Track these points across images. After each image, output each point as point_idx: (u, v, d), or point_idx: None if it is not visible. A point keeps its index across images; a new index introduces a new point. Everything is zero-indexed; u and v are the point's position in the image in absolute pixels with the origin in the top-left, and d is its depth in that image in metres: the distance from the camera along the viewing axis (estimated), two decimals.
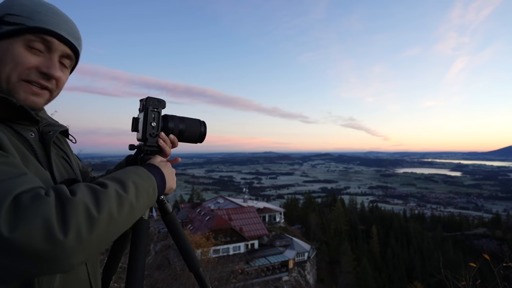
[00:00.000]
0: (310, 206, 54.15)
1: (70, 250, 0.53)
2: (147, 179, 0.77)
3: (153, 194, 0.78)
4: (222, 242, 26.96)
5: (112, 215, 0.61)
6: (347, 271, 39.08)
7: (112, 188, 0.64)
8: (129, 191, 0.67)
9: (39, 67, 0.73)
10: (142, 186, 0.73)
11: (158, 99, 0.97)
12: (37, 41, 0.73)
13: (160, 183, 0.84)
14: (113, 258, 1.09)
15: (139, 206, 0.70)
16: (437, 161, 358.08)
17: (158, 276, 6.26)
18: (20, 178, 0.57)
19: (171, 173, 0.91)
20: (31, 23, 0.72)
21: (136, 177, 0.73)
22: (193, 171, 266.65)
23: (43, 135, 0.81)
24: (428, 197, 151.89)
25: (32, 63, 0.72)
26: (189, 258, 1.10)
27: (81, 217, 0.55)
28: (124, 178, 0.70)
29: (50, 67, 0.75)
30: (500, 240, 47.66)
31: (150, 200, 0.77)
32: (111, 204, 0.61)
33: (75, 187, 0.60)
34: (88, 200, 0.58)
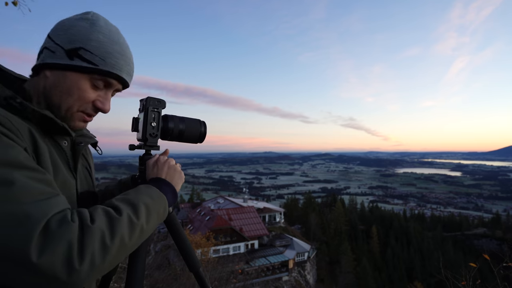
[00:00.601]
0: (310, 206, 54.14)
1: (83, 277, 0.57)
2: (159, 199, 0.80)
3: (163, 213, 0.81)
4: (222, 242, 26.96)
5: (123, 242, 0.64)
6: (347, 271, 39.08)
7: (125, 215, 0.67)
8: (140, 216, 0.70)
9: (95, 102, 0.81)
10: (153, 208, 0.76)
11: (158, 99, 0.98)
12: (101, 81, 0.80)
13: (171, 199, 0.87)
14: None
15: (149, 228, 0.74)
16: (437, 161, 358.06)
17: (158, 276, 6.26)
18: (55, 199, 0.61)
19: (179, 178, 0.95)
20: (104, 67, 0.78)
21: (147, 199, 0.76)
22: (193, 171, 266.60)
23: (75, 145, 0.86)
24: (428, 197, 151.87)
25: (91, 98, 0.80)
26: (189, 258, 1.10)
27: (97, 245, 0.59)
28: (136, 201, 0.73)
29: (105, 104, 0.82)
30: (500, 240, 47.67)
31: (160, 219, 0.81)
32: (124, 232, 0.64)
33: (94, 212, 0.64)
34: (104, 227, 0.61)
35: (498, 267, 3.11)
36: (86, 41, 0.76)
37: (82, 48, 0.75)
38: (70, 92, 0.76)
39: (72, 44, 0.75)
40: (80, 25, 0.77)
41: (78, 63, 0.76)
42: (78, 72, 0.76)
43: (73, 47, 0.75)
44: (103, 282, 1.09)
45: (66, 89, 0.76)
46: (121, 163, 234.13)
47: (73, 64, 0.75)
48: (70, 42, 0.75)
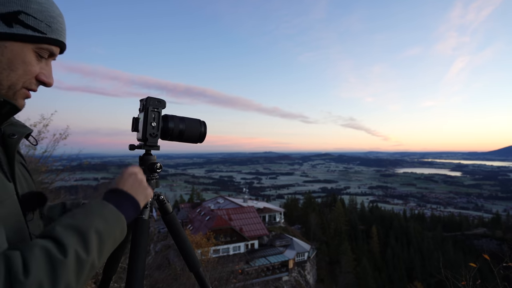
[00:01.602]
0: (310, 206, 54.15)
1: None
2: (115, 221, 0.66)
3: (120, 236, 0.68)
4: (222, 242, 26.97)
5: (69, 287, 0.52)
6: (347, 271, 39.10)
7: (72, 253, 0.53)
8: (91, 249, 0.57)
9: (39, 76, 0.69)
10: (108, 234, 0.62)
11: (158, 99, 0.98)
12: (46, 51, 0.68)
13: (132, 214, 0.74)
14: (113, 258, 1.09)
15: (102, 260, 0.62)
16: (437, 161, 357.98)
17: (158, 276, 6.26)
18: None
19: (142, 194, 0.79)
20: (51, 34, 0.67)
21: (100, 224, 0.62)
22: (193, 171, 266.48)
23: (6, 137, 0.69)
24: (428, 197, 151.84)
25: (36, 71, 0.68)
26: (189, 258, 1.10)
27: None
28: (86, 229, 0.58)
29: (49, 77, 0.71)
30: (500, 240, 47.68)
31: (116, 244, 0.67)
32: (70, 277, 0.52)
33: (29, 256, 0.49)
34: (43, 278, 0.48)
35: (498, 267, 3.11)
36: (25, 2, 0.63)
37: (22, 12, 0.62)
38: (12, 67, 0.63)
39: (8, 7, 0.61)
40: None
41: (21, 31, 0.62)
42: (21, 41, 0.63)
43: (10, 10, 0.61)
44: (103, 282, 1.09)
45: (7, 63, 0.62)
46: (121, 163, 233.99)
47: (15, 33, 0.62)
48: (4, 4, 0.61)
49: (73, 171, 6.18)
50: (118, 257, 1.10)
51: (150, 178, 1.03)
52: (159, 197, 1.07)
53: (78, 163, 6.37)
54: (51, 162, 5.72)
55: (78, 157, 5.96)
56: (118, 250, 1.09)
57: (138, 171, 0.82)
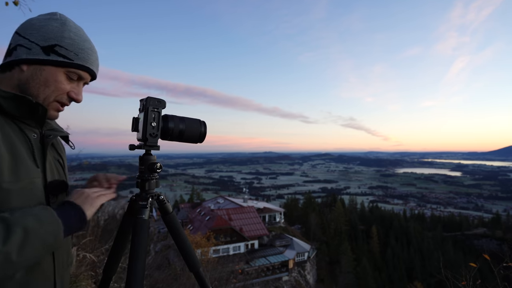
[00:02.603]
0: (310, 206, 54.13)
1: None
2: (49, 224, 0.72)
3: (54, 242, 0.73)
4: (222, 242, 26.97)
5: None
6: (347, 271, 39.08)
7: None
8: (10, 242, 0.62)
9: (69, 93, 0.89)
10: (37, 235, 0.68)
11: (158, 99, 0.98)
12: (75, 74, 0.89)
13: (75, 223, 0.80)
14: (113, 258, 1.09)
15: (23, 258, 0.65)
16: (437, 161, 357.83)
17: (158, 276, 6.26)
18: None
19: (89, 204, 0.86)
20: (77, 61, 0.87)
21: (32, 223, 0.68)
22: (193, 171, 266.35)
23: (44, 137, 0.90)
24: (428, 197, 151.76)
25: (67, 89, 0.89)
26: (189, 258, 1.11)
27: None
28: (14, 223, 0.65)
29: (78, 95, 0.91)
30: (500, 240, 47.64)
31: (47, 249, 0.72)
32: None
33: None
34: None
35: (498, 267, 3.11)
36: (60, 38, 0.85)
37: (57, 45, 0.84)
38: (47, 84, 0.84)
39: (47, 41, 0.84)
40: (52, 24, 0.86)
41: (55, 58, 0.84)
42: (55, 66, 0.85)
43: (49, 44, 0.84)
44: (103, 282, 1.09)
45: (44, 81, 0.84)
46: (121, 163, 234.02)
47: (51, 59, 0.84)
48: (45, 40, 0.84)
49: (73, 171, 6.18)
50: (118, 257, 1.10)
51: (150, 178, 1.03)
52: (159, 197, 1.07)
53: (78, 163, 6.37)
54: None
55: (78, 157, 5.95)
56: (118, 250, 1.09)
57: (86, 190, 0.90)
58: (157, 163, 1.00)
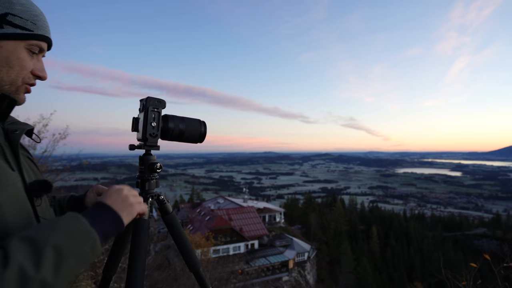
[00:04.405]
0: (310, 206, 54.15)
1: None
2: (82, 237, 0.62)
3: (91, 253, 0.64)
4: (222, 242, 26.97)
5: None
6: (347, 271, 39.08)
7: (15, 268, 0.50)
8: (42, 266, 0.53)
9: (33, 70, 0.76)
10: (70, 251, 0.58)
11: (158, 99, 0.98)
12: (36, 46, 0.75)
13: (109, 230, 0.70)
14: (113, 258, 1.09)
15: (59, 279, 0.56)
16: (437, 161, 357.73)
17: (158, 276, 6.26)
18: None
19: (127, 206, 0.78)
20: (37, 30, 0.74)
21: (61, 238, 0.58)
22: (193, 171, 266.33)
23: (9, 133, 0.75)
24: (428, 197, 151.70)
25: (31, 67, 0.75)
26: (189, 258, 1.10)
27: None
28: (43, 243, 0.55)
29: (43, 71, 0.78)
30: (500, 240, 47.68)
31: (84, 263, 0.63)
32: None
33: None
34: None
35: (499, 267, 3.11)
36: (9, 5, 0.70)
37: (8, 13, 0.69)
38: (9, 63, 0.70)
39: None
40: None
41: (11, 30, 0.69)
42: (13, 40, 0.70)
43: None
44: (103, 282, 1.09)
45: (4, 61, 0.70)
46: (121, 163, 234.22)
47: (7, 32, 0.69)
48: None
49: (73, 171, 6.18)
50: (118, 257, 1.10)
51: (150, 178, 1.02)
52: (159, 197, 1.07)
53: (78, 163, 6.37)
54: (51, 162, 5.72)
55: (78, 157, 5.97)
56: (118, 250, 1.09)
57: (125, 188, 0.81)
58: (157, 163, 1.00)
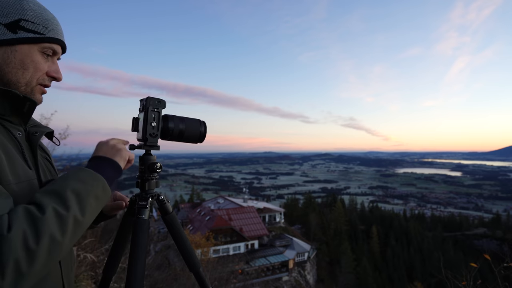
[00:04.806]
0: (310, 206, 54.15)
1: None
2: (92, 180, 0.73)
3: (103, 193, 0.75)
4: (222, 242, 26.98)
5: (55, 241, 0.59)
6: (347, 271, 39.08)
7: (50, 210, 0.60)
8: (70, 206, 0.64)
9: (48, 72, 0.81)
10: (87, 192, 0.69)
11: (158, 99, 0.98)
12: (49, 49, 0.80)
13: (112, 174, 0.81)
14: (113, 258, 1.09)
15: (87, 216, 0.68)
16: (437, 161, 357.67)
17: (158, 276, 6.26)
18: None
19: (118, 151, 0.86)
20: (49, 34, 0.78)
21: (76, 184, 0.69)
22: (193, 171, 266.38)
23: (30, 135, 0.83)
24: (428, 197, 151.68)
25: (45, 69, 0.80)
26: (189, 258, 1.10)
27: (19, 253, 0.54)
28: (62, 190, 0.66)
29: (58, 72, 0.83)
30: (500, 240, 47.69)
31: (101, 202, 0.74)
32: (52, 230, 0.58)
33: (12, 216, 0.57)
34: (26, 231, 0.56)
35: (499, 267, 3.11)
36: (22, 11, 0.74)
37: (21, 19, 0.74)
38: (24, 66, 0.75)
39: (9, 17, 0.73)
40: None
41: (24, 35, 0.74)
42: (27, 44, 0.75)
43: (11, 20, 0.73)
44: (103, 282, 1.09)
45: (20, 64, 0.75)
46: None
47: (21, 37, 0.74)
48: (6, 16, 0.73)
49: None
50: (118, 257, 1.10)
51: (150, 178, 1.02)
52: (159, 197, 1.07)
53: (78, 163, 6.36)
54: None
55: (78, 157, 5.96)
56: (118, 250, 1.09)
57: (110, 139, 0.89)
58: (157, 163, 1.00)
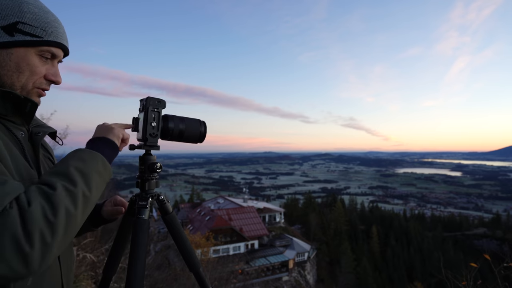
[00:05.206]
0: (310, 206, 54.16)
1: (38, 259, 0.56)
2: (91, 158, 0.75)
3: (104, 170, 0.77)
4: (222, 242, 26.98)
5: (70, 213, 0.63)
6: (347, 271, 39.08)
7: (60, 186, 0.64)
8: (77, 182, 0.67)
9: (47, 75, 0.80)
10: (89, 169, 0.72)
11: (158, 99, 0.98)
12: (47, 52, 0.79)
13: (109, 152, 0.83)
14: (113, 258, 1.09)
15: (94, 192, 0.72)
16: (437, 161, 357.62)
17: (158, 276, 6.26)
18: None
19: (110, 130, 0.89)
20: (47, 37, 0.77)
21: (78, 163, 0.72)
22: (193, 171, 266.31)
23: (33, 135, 0.84)
24: (428, 197, 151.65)
25: (43, 72, 0.79)
26: (189, 258, 1.10)
27: (42, 225, 0.58)
28: (65, 169, 0.69)
29: (56, 76, 0.82)
30: (501, 240, 47.70)
31: (104, 178, 0.77)
32: (66, 204, 0.62)
33: (29, 194, 0.61)
34: (44, 205, 0.60)
35: (499, 267, 3.11)
36: (20, 14, 0.73)
37: (19, 22, 0.73)
38: (20, 69, 0.75)
39: (6, 19, 0.72)
40: (5, 0, 0.73)
41: (21, 37, 0.73)
42: (23, 47, 0.74)
43: (9, 22, 0.72)
44: (103, 282, 1.09)
45: (15, 67, 0.74)
46: (121, 163, 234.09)
47: (17, 40, 0.73)
48: (4, 18, 0.72)
49: None
50: (118, 257, 1.10)
51: (150, 178, 1.03)
52: (159, 197, 1.07)
53: None
54: None
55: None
56: (118, 250, 1.09)
57: (105, 122, 0.93)
58: (157, 163, 1.01)
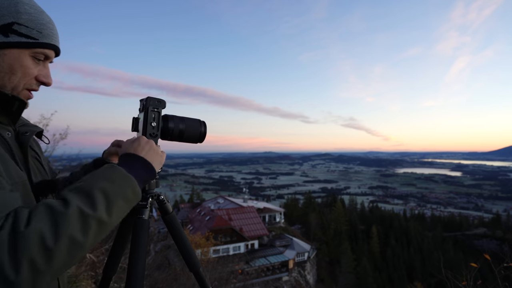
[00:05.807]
0: (310, 206, 54.18)
1: (27, 287, 0.51)
2: (122, 181, 0.70)
3: (133, 195, 0.72)
4: (222, 242, 26.97)
5: (75, 241, 0.56)
6: (347, 271, 39.10)
7: (74, 207, 0.58)
8: (97, 205, 0.62)
9: (38, 77, 0.79)
10: (115, 193, 0.67)
11: (159, 99, 0.98)
12: (41, 54, 0.78)
13: (144, 175, 0.78)
14: (113, 258, 1.09)
15: (113, 218, 0.65)
16: (437, 161, 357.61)
17: (158, 276, 6.26)
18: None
19: (157, 154, 0.86)
20: (42, 39, 0.76)
21: (105, 183, 0.66)
22: (193, 171, 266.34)
23: (20, 135, 0.81)
24: (428, 197, 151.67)
25: (35, 74, 0.78)
26: (189, 258, 1.10)
27: (35, 250, 0.51)
28: (90, 188, 0.64)
29: (48, 77, 0.81)
30: (501, 240, 47.72)
31: (130, 204, 0.71)
32: (72, 229, 0.56)
33: (34, 211, 0.56)
34: (45, 228, 0.54)
35: (499, 267, 3.11)
36: (16, 14, 0.73)
37: (14, 23, 0.72)
38: (13, 70, 0.74)
39: (1, 20, 0.71)
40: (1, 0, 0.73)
41: (16, 39, 0.73)
42: (18, 48, 0.73)
43: (4, 23, 0.71)
44: (103, 282, 1.09)
45: (8, 68, 0.73)
46: None
47: (11, 41, 0.72)
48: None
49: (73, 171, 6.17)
50: (118, 257, 1.10)
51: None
52: (159, 197, 1.07)
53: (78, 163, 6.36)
54: (51, 162, 5.70)
55: (78, 157, 5.95)
56: (118, 250, 1.09)
57: (152, 141, 0.89)
58: None
